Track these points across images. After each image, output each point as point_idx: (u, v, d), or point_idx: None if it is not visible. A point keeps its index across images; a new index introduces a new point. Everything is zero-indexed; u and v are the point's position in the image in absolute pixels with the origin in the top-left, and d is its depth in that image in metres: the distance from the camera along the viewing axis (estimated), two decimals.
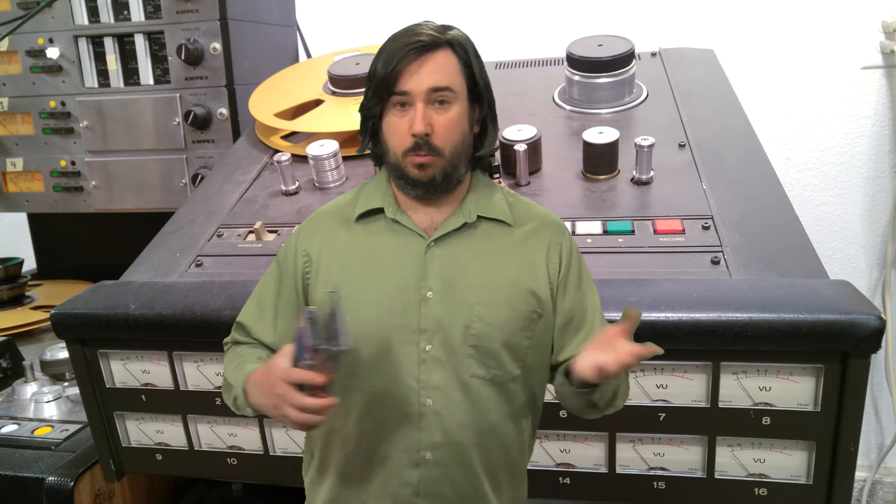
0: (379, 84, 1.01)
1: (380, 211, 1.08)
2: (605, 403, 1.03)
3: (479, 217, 1.07)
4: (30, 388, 1.85)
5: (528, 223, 1.09)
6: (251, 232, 1.60)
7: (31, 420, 1.74)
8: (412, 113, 1.00)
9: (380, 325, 1.03)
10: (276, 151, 1.88)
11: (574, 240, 1.11)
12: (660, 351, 0.91)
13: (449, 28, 1.04)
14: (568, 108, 1.90)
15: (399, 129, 1.01)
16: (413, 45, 0.99)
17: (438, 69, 1.00)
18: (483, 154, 1.09)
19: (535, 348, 1.07)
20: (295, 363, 0.94)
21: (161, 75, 2.16)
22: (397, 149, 1.02)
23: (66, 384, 1.89)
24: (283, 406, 0.93)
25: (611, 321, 1.17)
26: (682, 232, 1.40)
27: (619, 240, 1.40)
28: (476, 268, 1.04)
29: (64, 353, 1.86)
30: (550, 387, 1.13)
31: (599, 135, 1.58)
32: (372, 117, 1.05)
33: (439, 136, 1.00)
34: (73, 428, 1.68)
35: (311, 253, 1.09)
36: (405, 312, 1.02)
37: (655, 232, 1.41)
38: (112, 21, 2.15)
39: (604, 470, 1.34)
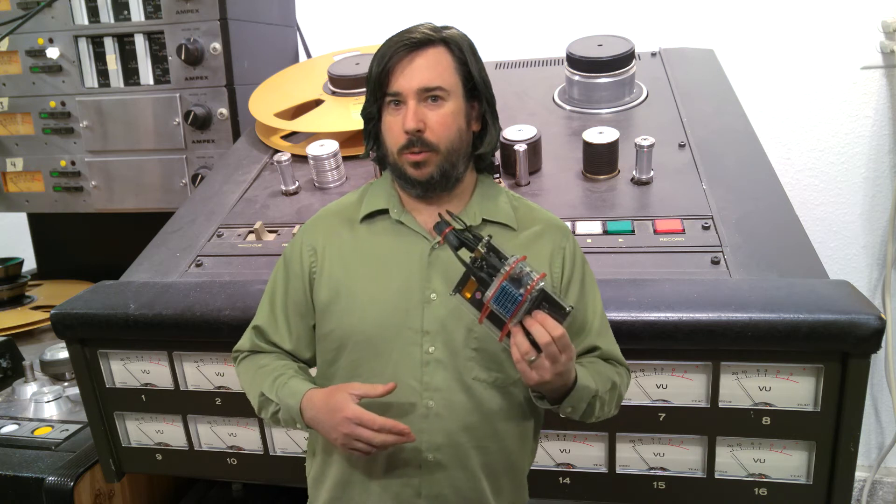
0: (373, 84, 1.02)
1: (384, 212, 1.08)
2: (583, 414, 1.02)
3: (483, 220, 1.07)
4: (30, 388, 1.85)
5: (532, 227, 1.08)
6: (251, 232, 1.60)
7: (31, 420, 1.74)
8: (405, 110, 1.00)
9: (383, 325, 1.03)
10: (276, 151, 1.88)
11: (578, 244, 1.11)
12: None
13: (446, 28, 1.04)
14: (568, 108, 1.90)
15: (393, 127, 1.02)
16: (404, 42, 1.00)
17: (430, 66, 1.00)
18: (484, 152, 1.08)
19: None
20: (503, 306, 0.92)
21: (161, 75, 2.16)
22: (393, 147, 1.03)
23: (66, 384, 1.89)
24: (353, 443, 0.97)
25: (611, 322, 1.17)
26: (682, 232, 1.40)
27: (619, 240, 1.40)
28: None
29: (64, 353, 1.86)
30: None
31: (599, 135, 1.58)
32: (372, 119, 1.06)
33: (433, 132, 1.00)
34: (73, 428, 1.68)
35: (316, 249, 1.09)
36: (408, 314, 1.02)
37: (655, 232, 1.41)
38: (112, 21, 2.15)
39: (604, 470, 1.34)
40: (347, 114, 1.87)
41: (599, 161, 1.58)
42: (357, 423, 0.96)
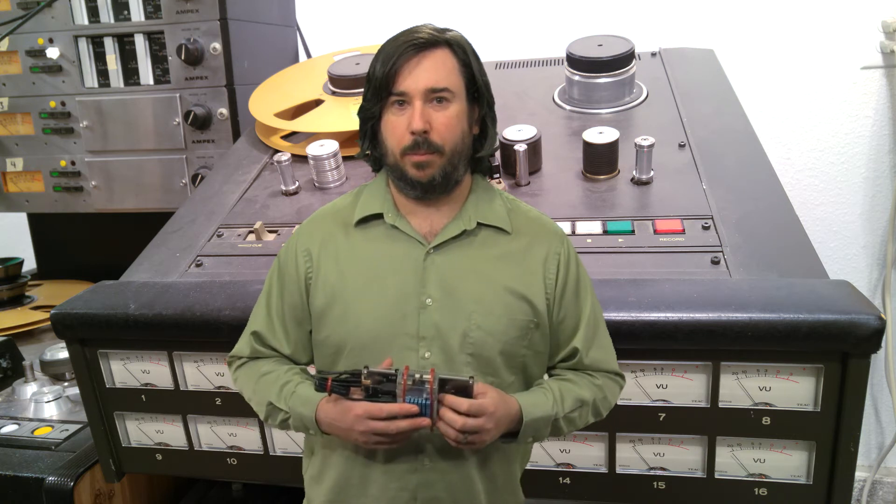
0: (378, 83, 1.01)
1: (379, 216, 1.08)
2: (553, 434, 1.05)
3: (478, 224, 1.06)
4: (30, 388, 1.85)
5: (527, 231, 1.08)
6: (251, 232, 1.60)
7: (31, 420, 1.74)
8: (410, 111, 1.00)
9: (379, 331, 1.02)
10: (276, 151, 1.88)
11: (574, 249, 1.10)
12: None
13: (448, 30, 1.04)
14: (568, 108, 1.90)
15: (397, 127, 1.01)
16: (411, 42, 0.99)
17: (436, 68, 1.00)
18: (483, 155, 1.08)
19: (532, 356, 1.06)
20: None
21: (161, 75, 2.16)
22: (396, 147, 1.02)
23: (66, 384, 1.89)
24: (373, 438, 0.97)
25: (611, 322, 1.18)
26: (682, 232, 1.40)
27: (619, 240, 1.40)
28: (475, 276, 1.04)
29: (64, 353, 1.86)
30: None
31: (599, 135, 1.58)
32: (371, 118, 1.05)
33: (438, 133, 1.00)
34: (73, 428, 1.68)
35: (311, 252, 1.08)
36: (404, 319, 1.02)
37: (655, 232, 1.41)
38: (112, 21, 2.15)
39: (604, 470, 1.34)
40: (347, 114, 1.87)
41: (599, 161, 1.58)
42: (368, 417, 0.95)
